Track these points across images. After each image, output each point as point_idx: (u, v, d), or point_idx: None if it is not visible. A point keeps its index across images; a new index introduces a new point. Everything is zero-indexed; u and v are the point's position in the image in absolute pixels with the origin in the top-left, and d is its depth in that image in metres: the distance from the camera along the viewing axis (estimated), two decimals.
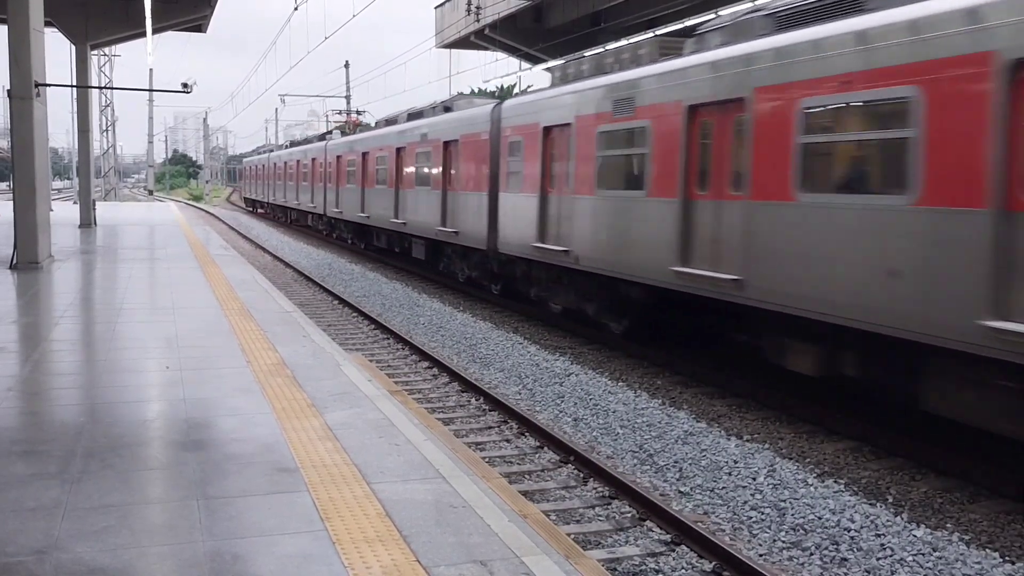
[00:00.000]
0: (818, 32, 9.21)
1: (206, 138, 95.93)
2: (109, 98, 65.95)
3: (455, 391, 11.53)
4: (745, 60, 10.11)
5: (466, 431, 9.77)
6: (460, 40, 34.79)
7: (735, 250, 10.33)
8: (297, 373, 8.46)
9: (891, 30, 8.31)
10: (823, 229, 9.00)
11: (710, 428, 9.76)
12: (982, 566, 6.39)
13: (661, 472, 8.43)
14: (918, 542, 6.76)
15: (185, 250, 21.56)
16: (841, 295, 8.75)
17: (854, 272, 8.61)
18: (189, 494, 5.24)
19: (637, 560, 6.55)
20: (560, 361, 13.04)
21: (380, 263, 27.69)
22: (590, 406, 10.59)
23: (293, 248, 32.24)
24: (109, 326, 10.83)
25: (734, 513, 7.43)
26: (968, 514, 7.60)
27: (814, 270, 9.10)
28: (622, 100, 12.75)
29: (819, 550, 6.69)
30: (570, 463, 8.66)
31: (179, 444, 6.21)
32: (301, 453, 6.03)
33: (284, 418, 6.88)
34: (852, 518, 7.18)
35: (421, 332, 15.57)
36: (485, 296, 19.72)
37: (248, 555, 4.41)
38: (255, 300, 13.23)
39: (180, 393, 7.63)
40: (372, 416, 7.04)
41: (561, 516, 7.38)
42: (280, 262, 27.02)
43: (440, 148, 20.84)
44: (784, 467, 8.43)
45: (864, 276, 8.48)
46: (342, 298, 19.12)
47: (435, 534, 4.73)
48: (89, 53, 29.87)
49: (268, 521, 4.85)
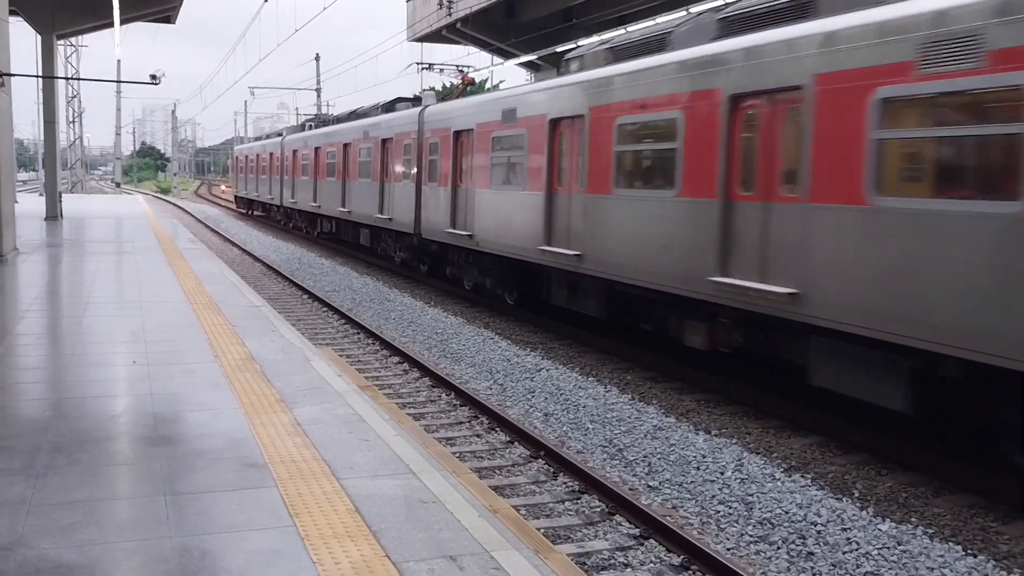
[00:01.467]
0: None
1: (174, 130, 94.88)
2: (76, 89, 65.09)
3: (426, 386, 11.52)
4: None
5: (437, 426, 9.77)
6: (432, 34, 34.70)
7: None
8: (266, 368, 8.42)
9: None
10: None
11: (679, 423, 9.82)
12: (945, 559, 6.49)
13: (630, 467, 8.48)
14: (883, 536, 6.85)
15: (153, 243, 21.35)
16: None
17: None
18: (157, 490, 5.20)
19: (606, 554, 6.58)
20: (531, 356, 13.06)
21: (351, 258, 27.57)
22: (561, 401, 10.62)
23: (262, 242, 32.02)
24: (76, 320, 10.71)
25: (702, 507, 7.48)
26: (932, 508, 7.71)
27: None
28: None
29: (786, 544, 6.76)
30: (540, 458, 8.68)
31: (147, 439, 6.16)
32: (270, 448, 6.01)
33: (253, 413, 6.85)
34: (819, 512, 7.26)
35: (392, 327, 15.54)
36: (456, 291, 19.70)
37: (216, 551, 4.38)
38: (223, 294, 13.13)
39: (148, 388, 7.57)
40: (342, 411, 7.02)
41: (531, 511, 7.40)
42: (249, 256, 26.82)
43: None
44: (752, 462, 8.51)
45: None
46: (312, 292, 19.02)
47: (405, 529, 4.73)
48: (55, 43, 29.47)
49: (236, 517, 4.82)
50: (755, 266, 9.69)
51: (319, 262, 25.55)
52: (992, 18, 7.14)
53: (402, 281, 22.25)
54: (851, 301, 8.42)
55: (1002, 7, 7.08)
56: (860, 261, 8.31)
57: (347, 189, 26.70)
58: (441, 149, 18.93)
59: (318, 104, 57.60)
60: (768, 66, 9.58)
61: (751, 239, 9.75)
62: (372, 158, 23.92)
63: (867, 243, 8.23)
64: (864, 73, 8.33)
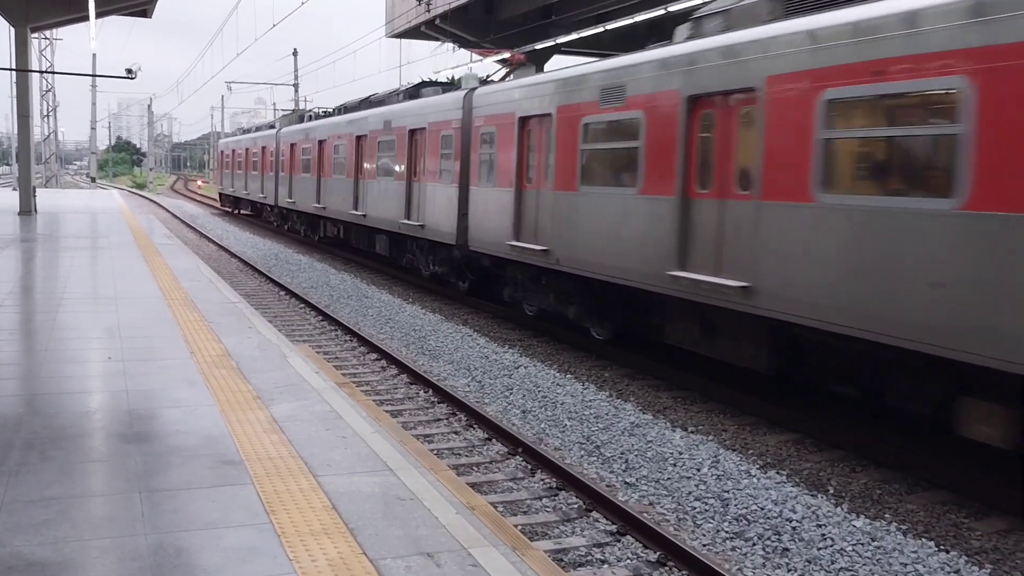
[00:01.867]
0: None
1: (150, 125, 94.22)
2: (50, 83, 64.45)
3: (404, 383, 11.50)
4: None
5: (414, 423, 9.75)
6: (411, 30, 34.58)
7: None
8: (242, 364, 8.38)
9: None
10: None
11: (656, 420, 9.86)
12: (918, 555, 6.55)
13: (608, 463, 8.50)
14: (857, 532, 6.91)
15: (128, 239, 21.19)
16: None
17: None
18: (132, 487, 5.16)
19: (583, 551, 6.60)
20: (509, 353, 13.06)
21: (328, 254, 27.45)
22: (538, 398, 10.63)
23: (238, 238, 31.84)
24: (50, 316, 10.61)
25: (679, 504, 7.52)
26: (906, 505, 7.79)
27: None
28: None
29: (761, 540, 6.80)
30: (518, 455, 8.69)
31: (121, 436, 6.11)
32: (246, 446, 5.98)
33: (229, 410, 6.81)
34: (794, 509, 7.31)
35: (369, 324, 15.50)
36: (434, 288, 19.67)
37: (192, 548, 4.36)
38: (199, 290, 13.05)
39: (123, 384, 7.51)
40: (319, 408, 7.00)
41: (509, 507, 7.40)
42: (225, 252, 26.66)
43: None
44: (728, 458, 8.56)
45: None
46: (289, 289, 18.94)
47: (382, 527, 4.72)
48: (29, 36, 29.11)
49: (212, 514, 4.80)
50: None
51: (296, 258, 25.44)
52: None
53: (380, 278, 22.19)
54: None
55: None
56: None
57: (361, 189, 23.23)
58: (499, 140, 15.26)
59: (296, 99, 57.34)
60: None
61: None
62: (396, 152, 20.35)
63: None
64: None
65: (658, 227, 10.86)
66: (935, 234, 7.42)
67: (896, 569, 6.36)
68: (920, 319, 7.49)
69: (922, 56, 7.55)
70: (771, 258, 9.09)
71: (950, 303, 7.27)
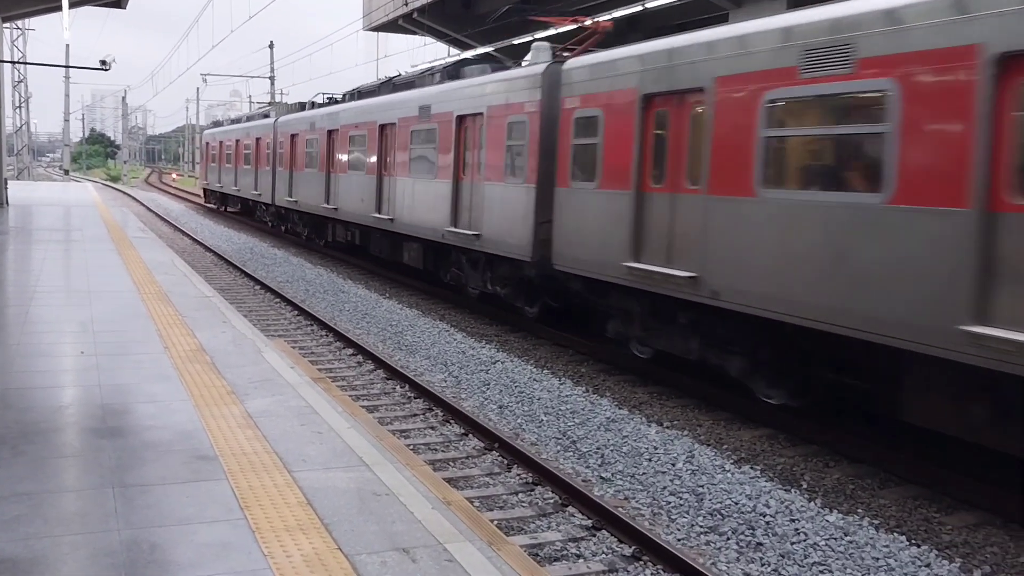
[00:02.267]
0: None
1: (125, 117, 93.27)
2: (22, 74, 63.69)
3: (380, 379, 11.48)
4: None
5: (391, 419, 9.74)
6: (388, 23, 34.44)
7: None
8: (216, 359, 8.33)
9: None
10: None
11: (632, 415, 9.90)
12: (890, 549, 6.62)
13: (583, 458, 8.53)
14: (830, 527, 6.97)
15: (102, 232, 20.99)
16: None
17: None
18: (105, 482, 5.13)
19: (559, 545, 6.62)
20: (486, 349, 13.07)
21: (304, 248, 27.32)
22: (515, 393, 10.65)
23: (213, 231, 31.64)
24: (22, 309, 10.50)
25: (654, 498, 7.56)
26: (878, 500, 7.86)
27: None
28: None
29: (735, 535, 6.85)
30: (495, 450, 8.70)
31: (95, 431, 6.06)
32: (220, 441, 5.95)
33: (203, 405, 6.78)
34: (768, 503, 7.36)
35: (346, 319, 15.45)
36: (411, 283, 19.63)
37: (165, 544, 4.34)
38: (173, 284, 12.96)
39: (96, 379, 7.45)
40: (294, 403, 6.98)
41: (485, 503, 7.42)
42: (200, 245, 26.48)
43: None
44: (702, 453, 8.61)
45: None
46: (264, 283, 18.84)
47: (357, 522, 4.72)
48: (1, 26, 28.79)
49: (186, 509, 4.77)
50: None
51: (272, 252, 25.31)
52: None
53: (356, 272, 22.11)
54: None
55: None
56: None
57: (387, 188, 19.70)
58: (607, 127, 11.66)
59: (272, 92, 57.01)
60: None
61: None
62: (436, 144, 16.79)
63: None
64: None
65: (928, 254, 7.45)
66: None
67: (868, 563, 6.42)
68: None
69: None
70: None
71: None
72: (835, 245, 8.19)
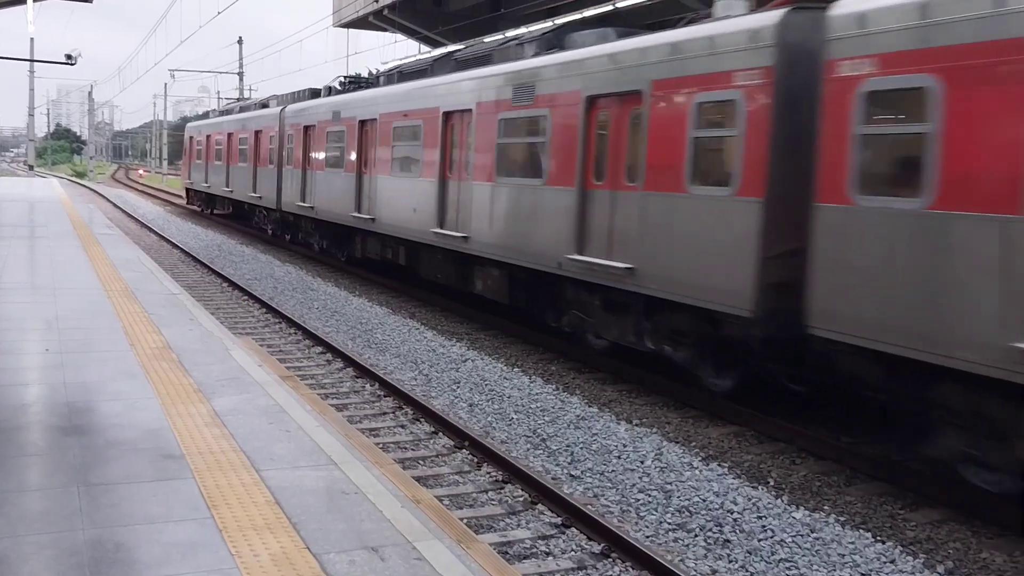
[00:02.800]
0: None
1: (91, 112, 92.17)
2: None
3: (349, 377, 11.43)
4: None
5: (360, 417, 9.70)
6: (358, 20, 34.30)
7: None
8: (183, 357, 8.26)
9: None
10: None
11: (601, 413, 9.93)
12: (856, 546, 6.70)
13: (553, 456, 8.55)
14: (797, 524, 7.04)
15: (67, 228, 20.74)
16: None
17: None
18: (69, 480, 5.07)
19: (528, 543, 6.63)
20: (457, 347, 13.05)
21: (273, 245, 27.13)
22: (486, 392, 10.65)
23: (180, 228, 31.35)
24: None
25: (622, 496, 7.59)
26: (844, 497, 7.95)
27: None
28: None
29: (703, 531, 6.90)
30: (465, 448, 8.69)
31: (59, 429, 5.99)
32: (187, 439, 5.90)
33: (169, 403, 6.72)
34: (735, 500, 7.42)
35: (315, 316, 15.37)
36: (381, 281, 19.56)
37: (131, 543, 4.29)
38: (140, 281, 12.84)
39: (60, 377, 7.36)
40: (262, 402, 6.93)
41: (454, 501, 7.41)
42: (167, 242, 26.22)
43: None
44: (671, 451, 8.65)
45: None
46: (232, 280, 18.70)
47: (326, 521, 4.70)
48: None
49: (152, 509, 4.73)
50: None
51: (240, 249, 25.12)
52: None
53: (326, 270, 22.00)
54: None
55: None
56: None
57: (453, 195, 15.21)
58: (951, 107, 7.08)
59: (240, 88, 56.59)
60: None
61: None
62: (547, 138, 12.43)
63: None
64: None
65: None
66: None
67: (834, 560, 6.49)
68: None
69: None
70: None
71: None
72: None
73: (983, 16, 6.81)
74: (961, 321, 6.93)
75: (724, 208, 9.40)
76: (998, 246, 6.67)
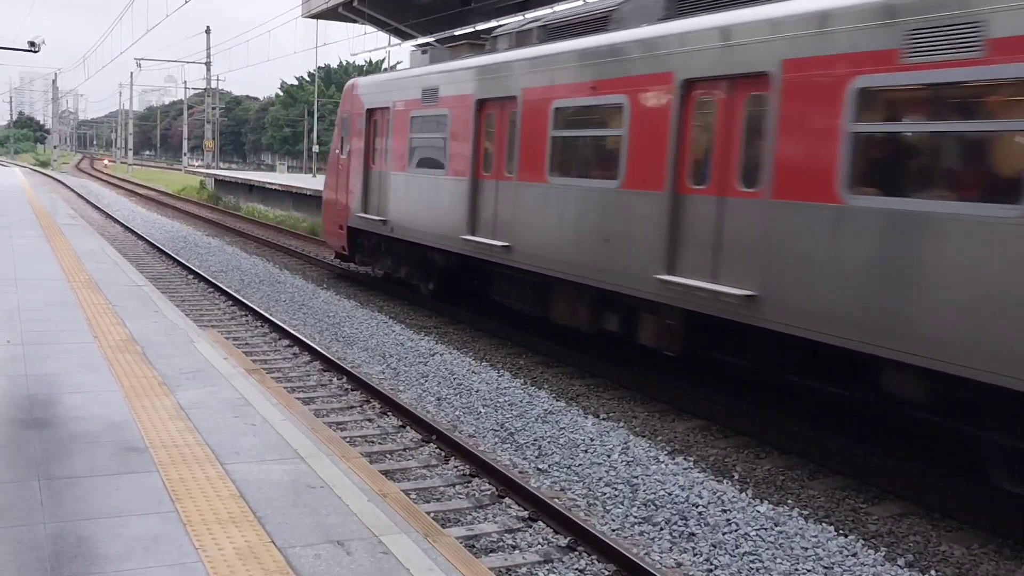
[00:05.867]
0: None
1: (55, 101, 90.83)
2: None
3: (316, 370, 11.37)
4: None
5: (327, 411, 9.66)
6: (328, 11, 34.04)
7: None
8: (147, 350, 8.18)
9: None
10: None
11: (569, 407, 9.96)
12: (819, 539, 6.77)
13: (521, 450, 8.56)
14: (761, 517, 7.10)
15: (30, 218, 20.45)
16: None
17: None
18: (30, 474, 5.00)
19: (495, 536, 6.64)
20: (425, 341, 13.02)
21: (240, 236, 26.90)
22: (454, 385, 10.64)
23: (145, 219, 31.00)
24: None
25: (589, 489, 7.62)
26: (808, 491, 8.03)
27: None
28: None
29: (669, 525, 6.94)
30: (432, 442, 8.68)
31: (20, 422, 5.91)
32: (151, 432, 5.84)
33: (133, 396, 6.65)
34: (700, 494, 7.47)
35: (282, 309, 15.26)
36: (350, 274, 19.47)
37: (93, 537, 4.25)
38: (104, 272, 12.68)
39: (22, 368, 7.26)
40: (227, 395, 6.88)
41: (421, 495, 7.40)
42: (131, 233, 25.92)
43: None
44: (637, 445, 8.70)
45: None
46: (197, 272, 18.52)
47: (291, 515, 4.67)
48: None
49: (115, 502, 4.68)
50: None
51: (206, 241, 24.88)
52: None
53: (294, 262, 21.86)
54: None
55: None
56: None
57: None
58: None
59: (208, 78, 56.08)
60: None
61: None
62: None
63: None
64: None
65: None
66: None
67: (798, 553, 6.56)
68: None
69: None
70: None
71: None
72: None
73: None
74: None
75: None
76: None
